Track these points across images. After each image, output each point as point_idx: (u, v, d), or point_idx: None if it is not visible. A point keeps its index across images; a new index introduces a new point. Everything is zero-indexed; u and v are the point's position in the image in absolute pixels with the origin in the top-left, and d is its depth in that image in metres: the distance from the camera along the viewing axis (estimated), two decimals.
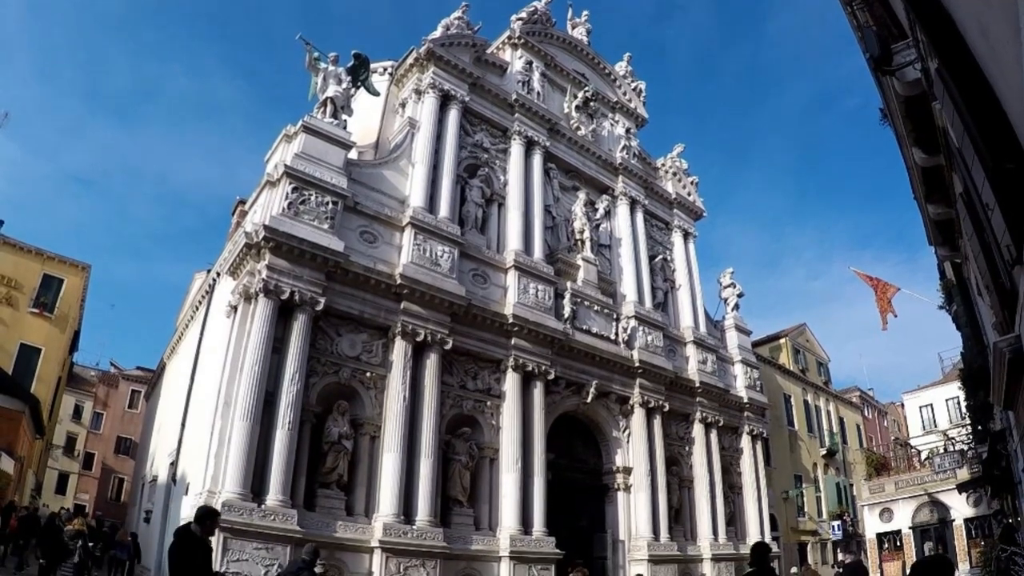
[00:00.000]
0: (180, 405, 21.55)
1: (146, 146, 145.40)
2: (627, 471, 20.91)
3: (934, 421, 41.85)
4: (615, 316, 21.80)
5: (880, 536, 32.12)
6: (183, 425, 20.31)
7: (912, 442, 41.57)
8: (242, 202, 22.97)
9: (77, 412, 48.17)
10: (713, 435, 24.08)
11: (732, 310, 28.17)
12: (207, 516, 6.84)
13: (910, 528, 31.71)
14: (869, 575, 5.00)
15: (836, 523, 33.64)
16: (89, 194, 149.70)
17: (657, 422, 21.85)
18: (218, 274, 19.92)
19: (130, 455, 47.47)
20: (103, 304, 74.10)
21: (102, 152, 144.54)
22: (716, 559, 21.86)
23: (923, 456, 35.39)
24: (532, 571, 16.34)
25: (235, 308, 15.56)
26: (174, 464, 20.70)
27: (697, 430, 23.67)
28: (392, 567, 14.19)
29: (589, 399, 20.28)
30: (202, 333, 21.13)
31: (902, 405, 47.55)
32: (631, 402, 21.40)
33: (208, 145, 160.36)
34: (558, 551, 17.28)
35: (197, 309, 23.34)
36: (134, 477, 39.37)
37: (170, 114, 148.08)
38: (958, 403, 34.69)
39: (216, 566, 12.50)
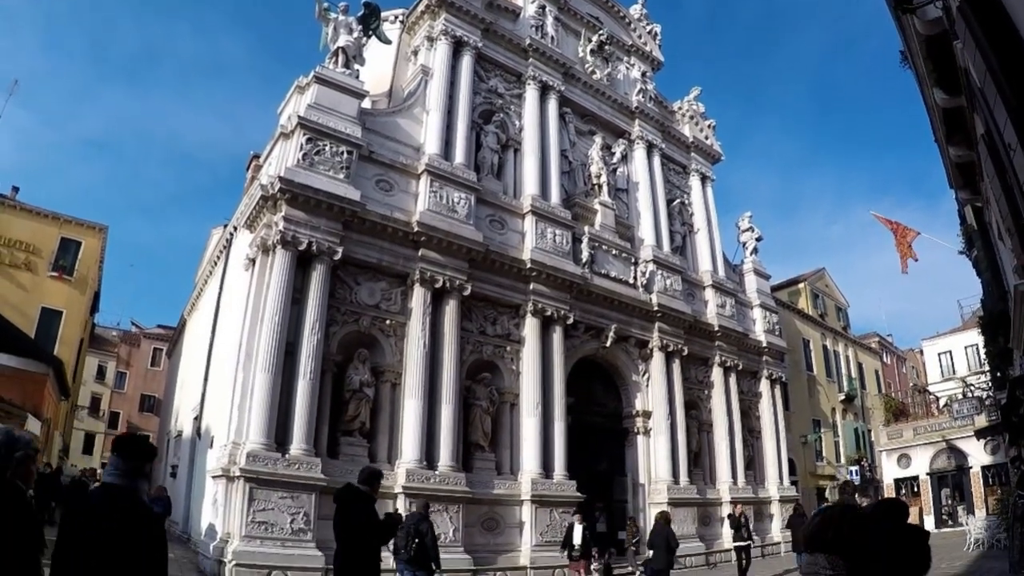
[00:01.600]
0: (202, 360, 21.75)
1: (156, 108, 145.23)
2: (647, 415, 21.00)
3: (952, 368, 41.70)
4: (633, 260, 21.65)
5: (898, 482, 32.31)
6: (205, 379, 20.54)
7: (930, 389, 41.44)
8: (256, 157, 22.83)
9: (100, 373, 49.01)
10: (732, 379, 24.12)
11: (751, 254, 27.97)
12: (374, 477, 6.86)
13: (927, 474, 31.88)
14: (907, 512, 5.03)
15: (854, 468, 33.74)
16: (101, 158, 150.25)
17: (676, 366, 21.88)
18: (235, 228, 19.91)
19: (154, 412, 48.29)
20: (122, 265, 74.76)
21: (112, 116, 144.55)
22: (735, 502, 21.91)
23: (941, 403, 35.34)
24: (553, 514, 16.45)
25: (253, 261, 15.55)
26: (198, 419, 20.98)
27: (716, 374, 23.70)
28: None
29: (608, 343, 20.28)
30: (221, 288, 21.22)
31: (921, 352, 47.41)
32: (650, 346, 21.40)
33: (217, 104, 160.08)
34: (579, 494, 17.40)
35: (215, 264, 23.41)
36: (159, 434, 39.99)
37: (178, 75, 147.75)
38: (977, 350, 34.51)
39: (242, 516, 12.77)
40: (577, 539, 13.88)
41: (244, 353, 14.45)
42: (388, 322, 16.02)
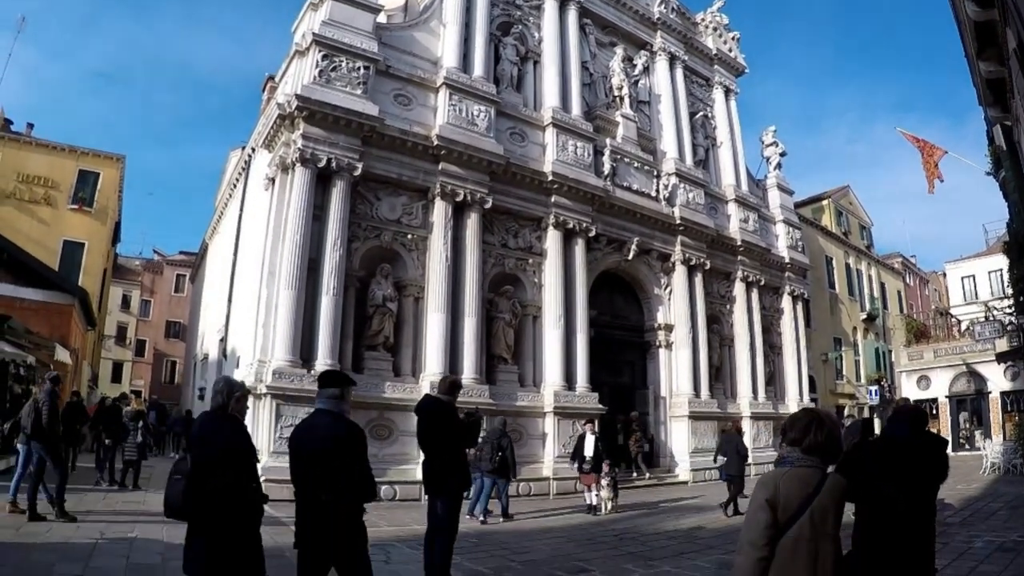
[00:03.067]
0: (225, 282, 21.96)
1: (164, 35, 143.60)
2: (668, 328, 21.06)
3: (975, 292, 41.29)
4: (655, 173, 21.34)
5: (917, 403, 32.27)
6: (229, 300, 20.76)
7: (952, 312, 41.16)
8: (271, 78, 22.47)
9: (125, 302, 49.72)
10: (754, 294, 24.04)
11: (774, 169, 27.46)
12: (455, 387, 6.91)
13: (947, 397, 31.95)
14: (873, 431, 5.03)
15: (873, 388, 33.82)
16: (112, 89, 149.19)
17: (698, 280, 21.80)
18: (253, 149, 19.82)
19: (180, 338, 49.19)
20: (141, 194, 75.11)
21: (120, 46, 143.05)
22: (755, 417, 22.26)
23: (963, 326, 35.12)
24: (576, 426, 16.55)
25: (273, 180, 15.51)
26: (223, 340, 21.31)
27: (738, 289, 23.61)
28: None
29: (630, 256, 20.21)
30: (242, 208, 21.26)
31: (944, 275, 46.90)
32: (672, 259, 21.30)
33: (227, 26, 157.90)
34: (601, 406, 17.63)
35: (235, 186, 23.40)
36: (186, 358, 40.89)
37: None
38: (1001, 276, 33.97)
39: (270, 431, 13.02)
40: (589, 450, 13.42)
41: (267, 271, 14.55)
42: (410, 236, 16.01)
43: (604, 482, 12.88)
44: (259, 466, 12.48)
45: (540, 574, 7.44)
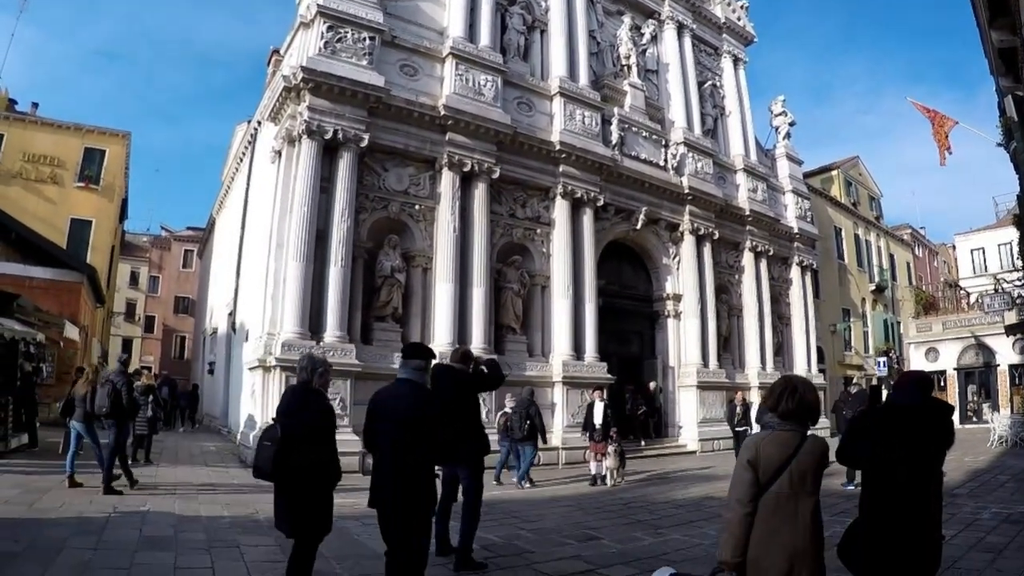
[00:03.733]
0: (233, 256, 21.96)
1: (165, 12, 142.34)
2: (677, 298, 21.06)
3: (985, 265, 41.14)
4: (664, 142, 21.18)
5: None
6: (238, 274, 20.77)
7: (962, 284, 41.01)
8: (276, 52, 22.33)
9: (134, 278, 49.88)
10: (763, 264, 23.96)
11: (783, 139, 27.20)
12: (467, 357, 6.92)
13: (955, 369, 32.02)
14: (880, 399, 4.99)
15: (882, 359, 33.63)
16: (115, 67, 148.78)
17: (707, 250, 21.75)
18: (259, 123, 19.72)
19: (189, 313, 49.38)
20: (147, 171, 75.25)
21: (121, 24, 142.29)
22: (763, 387, 22.19)
23: (972, 299, 35.03)
24: (584, 396, 16.58)
25: (279, 153, 15.46)
26: (232, 314, 21.36)
27: (747, 259, 23.54)
28: None
29: (639, 226, 20.14)
30: (249, 182, 21.20)
31: (953, 247, 46.65)
32: (681, 229, 21.23)
33: (228, 0, 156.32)
34: (610, 376, 17.67)
35: (241, 160, 23.33)
36: (195, 333, 41.04)
37: None
38: (1011, 249, 33.98)
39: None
40: (598, 418, 13.51)
41: (275, 243, 14.55)
42: (417, 207, 15.97)
43: (610, 449, 12.79)
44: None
45: (550, 542, 7.46)
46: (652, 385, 19.66)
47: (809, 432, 3.33)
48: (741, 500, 3.22)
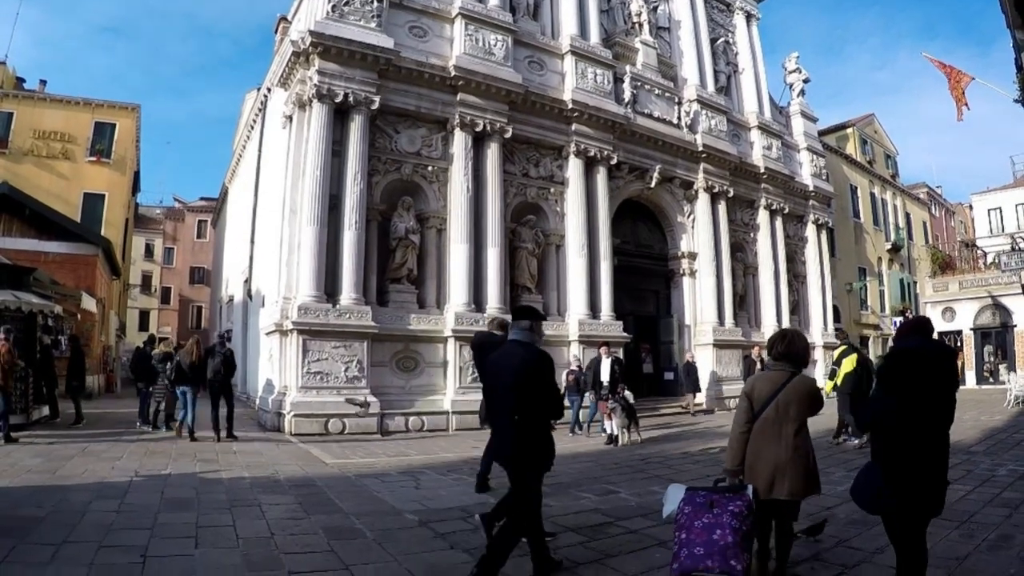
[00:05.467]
0: (247, 224, 22.02)
1: None
2: (692, 256, 20.99)
3: (1002, 225, 40.81)
4: (677, 100, 20.97)
5: (941, 335, 32.12)
6: (252, 241, 20.85)
7: (978, 244, 40.63)
8: (284, 18, 22.20)
9: (148, 251, 50.22)
10: (778, 222, 23.80)
11: (797, 96, 26.84)
12: (505, 327, 6.93)
13: (971, 329, 31.80)
14: (931, 328, 4.88)
15: (898, 319, 33.46)
16: (120, 42, 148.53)
17: (722, 208, 21.59)
18: (269, 89, 19.67)
19: (205, 283, 49.81)
20: (157, 144, 75.48)
21: (124, 1, 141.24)
22: None
23: (989, 259, 34.70)
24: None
25: (290, 118, 15.39)
26: (247, 281, 21.46)
27: (762, 217, 23.39)
28: (466, 355, 14.52)
29: (653, 184, 20.00)
30: (260, 149, 21.20)
31: (970, 206, 46.21)
32: (695, 187, 21.07)
33: None
34: (625, 334, 17.72)
35: (252, 127, 23.31)
36: (211, 302, 41.40)
37: None
38: None
39: (297, 368, 13.27)
40: (605, 375, 13.32)
41: (288, 208, 14.57)
42: (430, 168, 15.91)
43: (610, 406, 12.31)
44: (289, 400, 12.88)
45: (568, 496, 7.51)
46: (689, 356, 19.39)
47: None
48: (739, 422, 4.40)
